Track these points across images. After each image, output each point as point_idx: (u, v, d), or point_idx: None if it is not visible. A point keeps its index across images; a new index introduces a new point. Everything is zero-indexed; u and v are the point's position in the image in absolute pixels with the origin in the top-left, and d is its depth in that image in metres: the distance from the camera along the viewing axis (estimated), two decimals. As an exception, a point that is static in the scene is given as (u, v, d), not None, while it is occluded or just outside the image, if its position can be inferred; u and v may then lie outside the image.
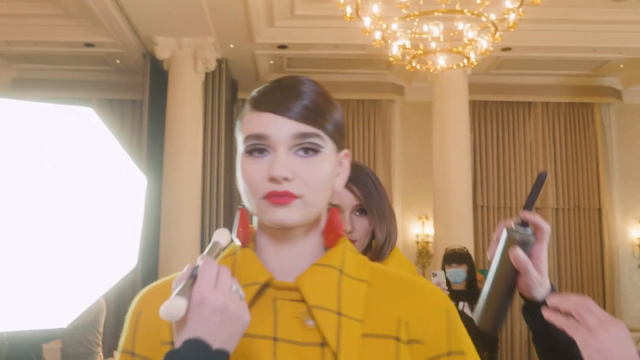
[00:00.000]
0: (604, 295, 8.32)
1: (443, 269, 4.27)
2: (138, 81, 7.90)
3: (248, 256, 0.87)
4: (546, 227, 1.06)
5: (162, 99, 7.20)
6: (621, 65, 8.11)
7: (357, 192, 1.48)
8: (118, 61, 7.91)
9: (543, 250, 1.07)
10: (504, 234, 1.07)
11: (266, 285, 0.85)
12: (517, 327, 7.91)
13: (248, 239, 0.89)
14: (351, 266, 0.88)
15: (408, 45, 5.26)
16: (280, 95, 0.85)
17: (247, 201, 0.86)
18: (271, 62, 8.00)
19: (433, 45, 5.16)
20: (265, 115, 0.84)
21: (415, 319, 0.85)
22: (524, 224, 1.06)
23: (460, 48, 5.16)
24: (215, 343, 0.73)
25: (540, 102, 8.58)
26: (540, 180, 1.07)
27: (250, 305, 0.83)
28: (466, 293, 4.15)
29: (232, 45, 7.29)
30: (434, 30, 4.90)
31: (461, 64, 5.45)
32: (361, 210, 1.49)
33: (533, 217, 1.06)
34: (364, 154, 8.36)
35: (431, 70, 5.52)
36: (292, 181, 0.82)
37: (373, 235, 1.50)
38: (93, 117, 2.74)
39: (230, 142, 8.30)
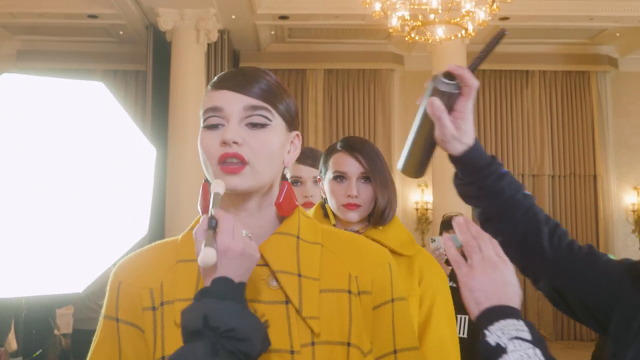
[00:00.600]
0: (597, 259, 8.42)
1: (441, 235, 4.37)
2: (141, 52, 7.90)
3: None
4: (473, 83, 1.04)
5: (166, 69, 7.21)
6: (617, 34, 8.07)
7: (362, 161, 1.58)
8: (121, 32, 7.90)
9: (466, 106, 1.05)
10: (430, 84, 1.05)
11: None
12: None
13: (207, 209, 0.96)
14: (306, 231, 0.98)
15: (407, 17, 5.27)
16: (235, 77, 0.95)
17: (206, 171, 0.95)
18: (272, 32, 7.99)
19: (431, 16, 5.17)
20: (221, 92, 0.94)
21: (362, 274, 0.97)
22: (452, 77, 1.03)
23: (458, 19, 5.18)
24: (237, 278, 0.84)
25: (538, 71, 8.57)
26: (497, 37, 1.05)
27: None
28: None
29: (233, 16, 7.28)
30: (433, 1, 4.91)
31: (459, 35, 5.47)
32: (366, 177, 1.58)
33: (460, 70, 1.03)
34: (364, 122, 8.40)
35: (430, 41, 5.54)
36: (241, 146, 0.91)
37: (376, 202, 1.60)
38: (104, 91, 2.81)
39: (233, 112, 8.33)
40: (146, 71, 7.69)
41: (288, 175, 2.41)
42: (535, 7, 7.06)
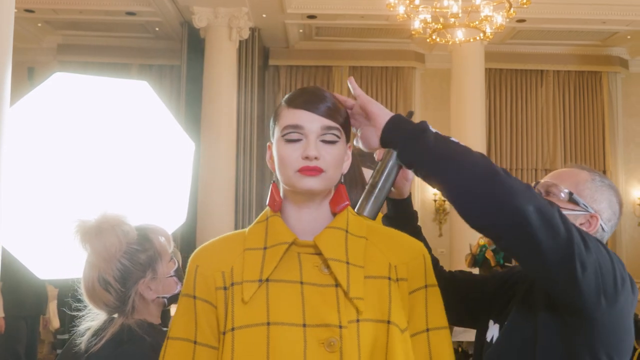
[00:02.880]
0: (605, 250, 8.34)
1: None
2: (176, 48, 7.91)
3: (277, 222, 1.08)
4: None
5: (199, 65, 7.22)
6: (628, 37, 7.97)
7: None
8: (157, 29, 7.91)
9: None
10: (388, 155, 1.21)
11: (292, 244, 1.06)
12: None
13: (279, 207, 1.10)
14: (353, 226, 1.09)
15: (429, 20, 5.24)
16: (309, 98, 1.07)
17: (281, 175, 1.06)
18: (300, 30, 7.96)
19: (452, 20, 5.12)
20: (299, 111, 1.06)
21: (400, 263, 1.09)
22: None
23: (477, 23, 5.13)
24: None
25: (552, 71, 8.45)
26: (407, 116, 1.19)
27: (280, 259, 1.04)
28: None
29: (264, 15, 7.25)
30: (454, 6, 4.87)
31: (478, 38, 5.41)
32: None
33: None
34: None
35: (450, 43, 5.50)
36: (319, 160, 1.04)
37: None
38: (148, 89, 2.83)
39: (262, 105, 8.35)
40: (180, 66, 7.71)
41: None
42: (550, 10, 6.97)
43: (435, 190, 8.35)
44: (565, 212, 1.14)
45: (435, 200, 8.29)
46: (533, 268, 1.08)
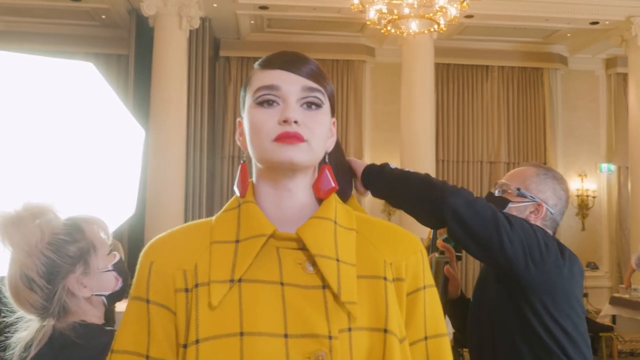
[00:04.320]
0: (545, 240, 8.53)
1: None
2: (123, 36, 7.48)
3: (252, 209, 0.88)
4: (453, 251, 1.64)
5: (148, 54, 6.85)
6: (568, 34, 8.13)
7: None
8: (104, 16, 7.47)
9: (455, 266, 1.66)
10: (434, 261, 1.63)
11: (270, 236, 0.85)
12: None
13: (246, 190, 0.89)
14: (342, 217, 0.90)
15: (384, 10, 5.12)
16: (288, 58, 0.88)
17: (253, 148, 0.87)
18: (252, 22, 7.70)
19: (406, 10, 5.04)
20: (275, 71, 0.87)
21: (397, 261, 0.90)
22: (442, 252, 1.64)
23: (431, 14, 5.06)
24: None
25: (497, 66, 8.51)
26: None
27: (257, 255, 0.84)
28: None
29: (215, 5, 6.95)
30: (409, -5, 4.78)
31: (432, 29, 5.34)
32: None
33: (446, 245, 1.65)
34: (336, 110, 8.22)
35: (404, 34, 5.40)
36: (299, 125, 0.84)
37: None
38: (93, 71, 2.57)
39: (213, 97, 8.06)
40: (128, 56, 7.32)
41: None
42: (496, 7, 6.98)
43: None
44: (516, 204, 1.56)
45: (385, 192, 8.23)
46: (471, 248, 1.38)
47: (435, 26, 5.23)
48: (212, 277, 0.83)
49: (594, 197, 8.78)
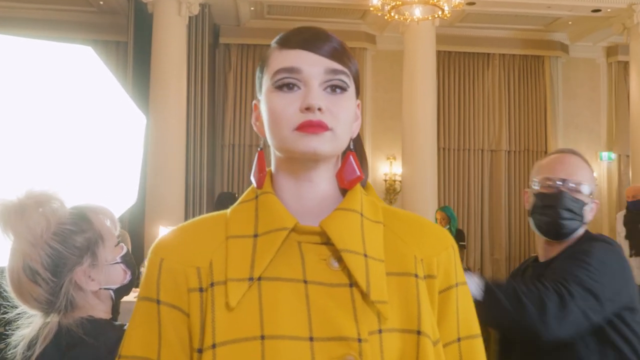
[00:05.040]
0: (545, 228, 8.49)
1: None
2: (121, 23, 7.34)
3: (271, 201, 0.80)
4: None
5: (147, 41, 6.71)
6: (570, 22, 8.03)
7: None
8: (101, 2, 7.32)
9: None
10: None
11: (292, 230, 0.78)
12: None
13: (264, 180, 0.82)
14: (368, 208, 0.82)
15: (389, -4, 5.02)
16: (308, 36, 0.79)
17: (273, 136, 0.79)
18: (252, 8, 7.56)
19: (411, -5, 4.94)
20: (295, 51, 0.78)
21: (428, 256, 0.82)
22: None
23: (435, 0, 4.95)
24: None
25: (498, 54, 8.40)
26: None
27: (277, 250, 0.77)
28: None
29: (214, -9, 6.86)
30: (414, -19, 4.67)
31: (436, 16, 5.23)
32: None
33: None
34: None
35: (408, 20, 5.29)
36: (323, 113, 0.76)
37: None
38: (92, 56, 2.46)
39: (213, 85, 7.94)
40: (127, 42, 7.18)
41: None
42: (499, -7, 6.92)
43: (386, 170, 8.27)
44: (591, 205, 1.47)
45: (385, 180, 8.16)
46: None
47: (440, 12, 5.12)
48: (229, 275, 0.76)
49: (595, 185, 8.72)
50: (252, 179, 0.82)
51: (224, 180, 8.03)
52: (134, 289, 1.30)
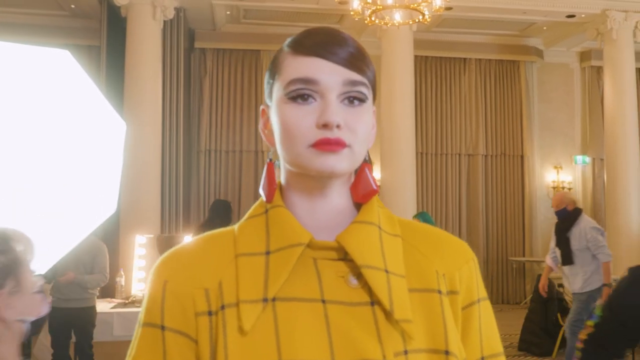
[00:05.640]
0: (523, 230, 8.55)
1: None
2: (94, 27, 7.20)
3: (283, 215, 0.75)
4: None
5: (120, 45, 6.59)
6: (544, 27, 8.16)
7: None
8: (73, 6, 7.18)
9: None
10: None
11: (306, 246, 0.73)
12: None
13: (274, 193, 0.77)
14: (385, 222, 0.77)
15: (369, 0, 5.00)
16: (323, 39, 0.73)
17: (285, 150, 0.73)
18: (228, 12, 7.49)
19: (390, 1, 4.92)
20: (311, 59, 0.72)
21: (450, 271, 0.78)
22: None
23: (416, 5, 4.96)
24: None
25: (474, 59, 8.48)
26: None
27: (292, 268, 0.72)
28: None
29: (190, -6, 6.77)
30: (394, -15, 4.67)
31: (417, 20, 5.24)
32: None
33: None
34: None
35: (388, 25, 5.29)
36: (341, 129, 0.71)
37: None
38: (70, 60, 2.38)
39: (188, 90, 7.83)
40: (100, 47, 7.04)
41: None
42: (475, -1, 6.99)
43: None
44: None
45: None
46: None
47: (420, 17, 5.13)
48: (241, 296, 0.70)
49: (569, 189, 8.84)
50: (261, 192, 0.77)
51: (200, 186, 7.92)
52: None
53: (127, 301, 4.87)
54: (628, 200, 7.26)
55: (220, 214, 4.39)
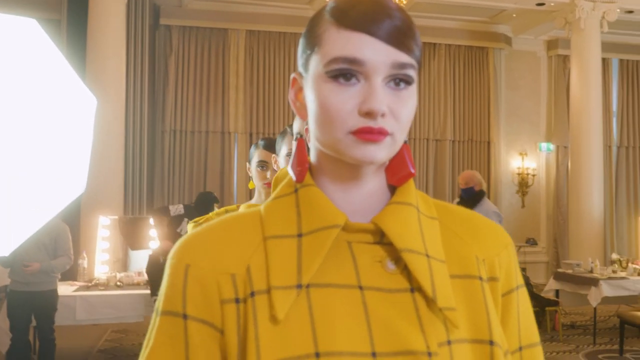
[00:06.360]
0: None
1: None
2: (54, 0, 6.98)
3: (315, 195, 0.70)
4: None
5: (82, 20, 6.36)
6: (514, 15, 8.25)
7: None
8: (32, -23, 6.93)
9: None
10: None
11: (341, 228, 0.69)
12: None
13: (304, 174, 0.72)
14: (422, 203, 0.73)
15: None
16: (370, 11, 0.66)
17: (321, 133, 0.68)
18: (195, -12, 7.35)
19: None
20: (357, 35, 0.66)
21: (489, 257, 0.74)
22: None
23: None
24: None
25: (444, 44, 8.53)
26: None
27: (327, 251, 0.67)
28: None
29: (156, -31, 6.57)
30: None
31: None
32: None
33: None
34: (283, 83, 8.01)
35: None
36: (385, 117, 0.66)
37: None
38: (37, 29, 2.27)
39: (153, 68, 7.64)
40: (60, 21, 6.80)
41: (255, 161, 2.05)
42: (445, -17, 7.00)
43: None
44: None
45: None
46: None
47: (397, 1, 5.12)
48: (273, 282, 0.65)
49: (533, 176, 9.04)
50: (290, 170, 0.72)
51: (164, 166, 7.77)
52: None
53: (90, 284, 4.75)
54: (590, 187, 7.46)
55: (210, 206, 4.29)
